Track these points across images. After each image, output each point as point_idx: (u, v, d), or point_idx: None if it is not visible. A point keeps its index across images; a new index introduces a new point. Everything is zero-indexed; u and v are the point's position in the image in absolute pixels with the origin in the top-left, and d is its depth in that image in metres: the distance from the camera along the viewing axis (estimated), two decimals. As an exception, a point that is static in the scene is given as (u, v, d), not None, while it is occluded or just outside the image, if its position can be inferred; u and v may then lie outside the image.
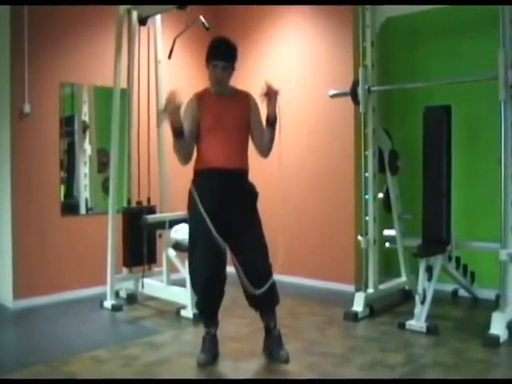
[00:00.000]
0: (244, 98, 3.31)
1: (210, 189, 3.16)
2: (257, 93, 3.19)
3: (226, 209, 3.17)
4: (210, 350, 3.32)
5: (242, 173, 3.28)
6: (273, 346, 3.32)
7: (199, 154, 3.25)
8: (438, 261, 4.06)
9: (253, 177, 3.36)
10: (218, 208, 3.15)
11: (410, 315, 3.89)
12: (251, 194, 3.31)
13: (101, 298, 4.60)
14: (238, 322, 4.05)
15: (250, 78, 5.65)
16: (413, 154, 4.66)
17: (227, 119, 3.21)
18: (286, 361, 3.26)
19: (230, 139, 3.20)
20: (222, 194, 3.17)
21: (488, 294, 4.46)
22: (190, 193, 3.25)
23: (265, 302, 3.27)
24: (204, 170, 3.21)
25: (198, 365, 3.25)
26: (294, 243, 5.42)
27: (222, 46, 3.25)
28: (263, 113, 3.28)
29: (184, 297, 4.25)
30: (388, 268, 5.08)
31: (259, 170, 3.39)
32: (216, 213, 3.13)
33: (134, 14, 4.70)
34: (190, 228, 3.32)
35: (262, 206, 3.35)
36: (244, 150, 3.29)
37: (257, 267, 3.18)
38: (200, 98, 3.24)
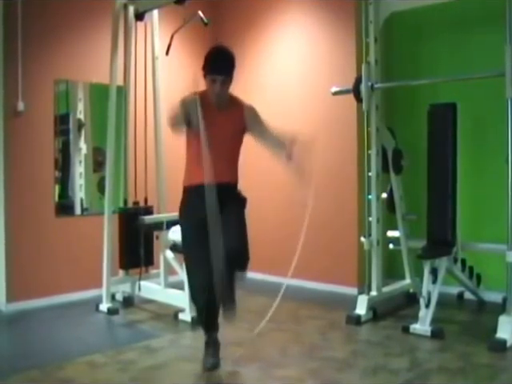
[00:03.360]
0: (238, 109, 3.27)
1: (201, 201, 3.06)
2: (255, 94, 3.11)
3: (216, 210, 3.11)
4: (215, 353, 3.30)
5: (233, 186, 3.29)
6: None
7: (188, 169, 3.26)
8: (443, 263, 4.05)
9: (253, 176, 3.30)
10: (206, 217, 3.05)
11: (415, 319, 3.86)
12: (239, 199, 3.31)
13: (96, 301, 4.58)
14: (238, 326, 3.96)
15: (249, 77, 5.65)
16: (417, 153, 4.64)
17: (219, 134, 3.17)
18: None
19: (221, 154, 3.17)
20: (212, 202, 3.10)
21: (495, 296, 4.43)
22: (180, 208, 3.28)
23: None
24: (193, 186, 3.19)
25: (206, 369, 3.23)
26: (294, 244, 5.38)
27: (220, 57, 3.21)
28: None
29: (182, 300, 4.22)
30: (392, 270, 5.06)
31: (259, 169, 3.31)
32: (205, 219, 3.05)
33: (131, 9, 4.68)
34: (181, 235, 3.35)
35: (261, 206, 3.28)
36: (234, 164, 3.30)
37: (234, 243, 3.10)
38: (201, 100, 3.14)
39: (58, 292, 4.78)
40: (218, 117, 3.19)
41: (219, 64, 3.17)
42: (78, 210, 5.03)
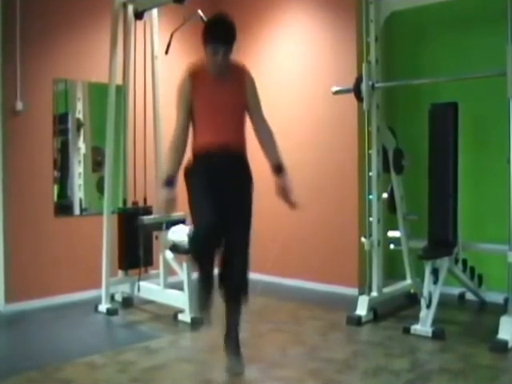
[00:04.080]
0: (240, 76, 3.20)
1: (207, 170, 3.06)
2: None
3: (223, 191, 3.07)
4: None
5: (240, 155, 3.19)
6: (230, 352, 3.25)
7: (195, 137, 3.18)
8: (444, 263, 4.03)
9: (254, 176, 3.28)
10: (215, 187, 3.04)
11: (416, 319, 3.85)
12: (248, 181, 3.22)
13: (95, 302, 4.56)
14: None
15: None
16: (418, 152, 4.62)
17: (223, 101, 3.11)
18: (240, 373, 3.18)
19: (225, 121, 3.11)
20: (220, 177, 3.06)
21: (496, 297, 4.41)
22: (186, 170, 3.16)
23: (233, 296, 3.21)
24: (200, 154, 3.13)
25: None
26: (294, 245, 5.39)
27: (222, 25, 3.11)
28: None
29: (182, 300, 4.20)
30: (392, 271, 5.04)
31: (259, 169, 3.30)
32: (212, 186, 3.04)
33: (130, 8, 4.66)
34: (189, 197, 3.17)
35: (261, 206, 3.27)
36: (241, 132, 3.18)
37: (234, 277, 3.14)
38: (194, 78, 3.14)
39: (57, 292, 4.77)
40: (219, 85, 3.12)
41: (222, 32, 3.05)
42: (77, 210, 5.03)
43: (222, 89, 3.12)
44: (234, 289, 3.17)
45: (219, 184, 3.04)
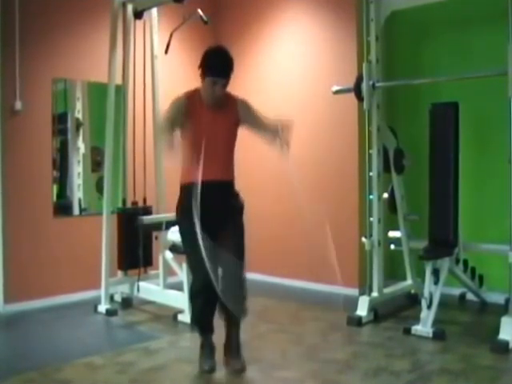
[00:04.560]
0: (233, 105, 3.25)
1: (195, 200, 3.06)
2: (255, 93, 3.09)
3: (212, 219, 3.08)
4: (212, 355, 3.28)
5: (229, 185, 3.27)
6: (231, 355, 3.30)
7: (184, 167, 3.23)
8: (444, 264, 4.02)
9: (252, 175, 3.27)
10: (204, 216, 3.03)
11: (416, 320, 3.84)
12: (237, 207, 3.29)
13: (95, 302, 4.54)
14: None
15: (249, 75, 5.64)
16: (419, 152, 4.61)
17: (215, 132, 3.17)
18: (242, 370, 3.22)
19: (216, 153, 3.16)
20: (208, 205, 3.04)
21: (497, 297, 4.40)
22: (177, 208, 3.25)
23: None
24: (188, 186, 3.13)
25: (205, 372, 3.22)
26: (294, 245, 5.36)
27: (221, 59, 3.15)
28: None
29: (181, 301, 4.19)
30: (393, 271, 5.04)
31: (259, 168, 3.28)
32: (202, 220, 3.04)
33: (130, 7, 4.65)
34: (181, 233, 3.31)
35: (260, 205, 3.26)
36: (230, 163, 3.27)
37: (233, 302, 3.17)
38: (190, 103, 3.17)
39: (56, 293, 4.76)
40: (212, 116, 3.17)
41: (221, 66, 3.11)
42: (76, 211, 5.02)
43: (216, 121, 3.17)
44: (233, 314, 3.19)
45: (209, 217, 3.02)
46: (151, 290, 4.56)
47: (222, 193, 3.19)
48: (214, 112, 3.18)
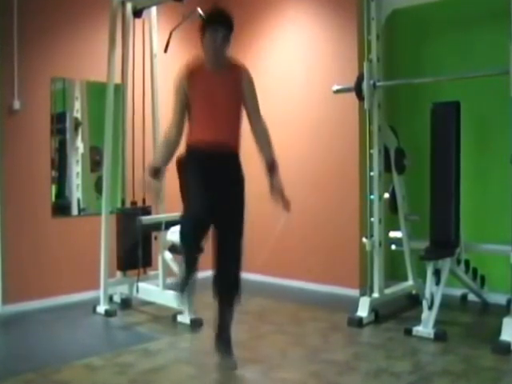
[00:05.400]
0: (238, 73, 3.22)
1: (199, 166, 3.09)
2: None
3: (213, 190, 3.07)
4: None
5: (233, 155, 3.21)
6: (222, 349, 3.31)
7: (190, 130, 3.21)
8: (446, 264, 4.03)
9: (251, 175, 3.26)
10: (206, 183, 3.05)
11: (417, 321, 3.84)
12: (239, 182, 3.24)
13: (94, 303, 4.53)
14: (237, 327, 3.94)
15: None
16: (420, 152, 4.61)
17: (219, 97, 3.15)
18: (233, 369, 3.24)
19: (221, 117, 3.15)
20: (210, 176, 3.07)
21: (499, 298, 4.41)
22: (179, 160, 3.18)
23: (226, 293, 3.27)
24: (194, 146, 3.16)
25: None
26: (295, 246, 5.36)
27: (222, 13, 3.19)
28: None
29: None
30: (394, 272, 5.03)
31: (258, 167, 3.27)
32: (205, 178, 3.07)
33: (129, 6, 4.64)
34: (181, 185, 3.21)
35: (260, 205, 3.25)
36: (236, 129, 3.22)
37: (226, 278, 3.23)
38: (191, 74, 3.18)
39: (55, 294, 4.75)
40: (214, 79, 3.16)
41: (221, 16, 3.15)
42: (75, 211, 5.01)
43: (218, 83, 3.16)
44: (226, 290, 3.23)
45: (210, 183, 3.05)
46: (150, 290, 4.56)
47: (224, 161, 3.16)
48: (217, 75, 3.17)
